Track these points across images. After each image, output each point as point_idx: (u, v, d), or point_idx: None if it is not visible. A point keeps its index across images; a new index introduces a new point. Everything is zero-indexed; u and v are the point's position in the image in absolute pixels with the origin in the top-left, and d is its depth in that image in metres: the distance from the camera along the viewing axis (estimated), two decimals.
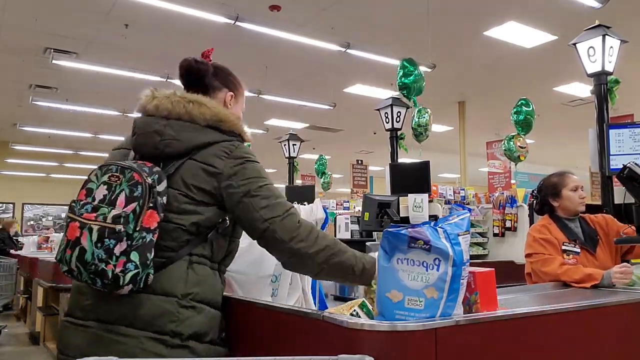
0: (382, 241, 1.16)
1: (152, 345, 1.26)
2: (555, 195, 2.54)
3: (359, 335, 1.05)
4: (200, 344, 1.32)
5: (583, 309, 1.42)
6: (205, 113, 1.42)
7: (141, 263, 1.25)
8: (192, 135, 1.40)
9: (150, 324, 1.28)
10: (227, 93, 1.58)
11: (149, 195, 1.28)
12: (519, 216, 5.12)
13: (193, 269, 1.34)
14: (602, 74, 4.19)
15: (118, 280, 1.23)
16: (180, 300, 1.30)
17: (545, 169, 9.77)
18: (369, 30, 7.29)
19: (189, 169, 1.38)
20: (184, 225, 1.35)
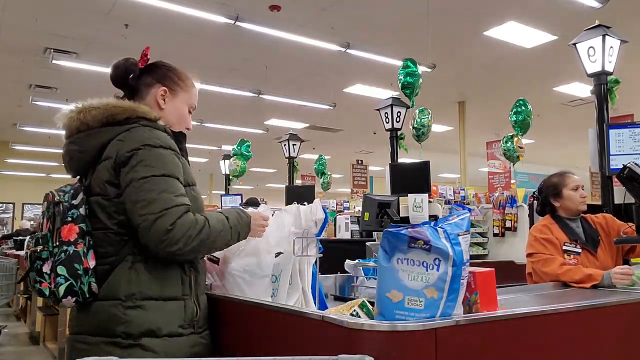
0: (382, 241, 1.16)
1: (109, 349, 1.31)
2: (556, 195, 2.55)
3: (359, 335, 1.05)
4: (155, 339, 1.32)
5: (583, 309, 1.42)
6: (97, 115, 1.41)
7: (70, 275, 1.31)
8: (91, 141, 1.42)
9: (104, 330, 1.33)
10: (160, 88, 1.54)
11: (55, 211, 1.35)
12: (519, 216, 5.12)
13: (136, 268, 1.35)
14: (602, 74, 4.19)
15: (56, 295, 1.32)
16: (124, 302, 1.33)
17: (545, 169, 9.77)
18: (369, 30, 7.29)
19: (98, 171, 1.40)
20: (111, 228, 1.37)
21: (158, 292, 1.35)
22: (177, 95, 1.57)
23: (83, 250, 1.34)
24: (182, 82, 1.59)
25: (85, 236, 1.36)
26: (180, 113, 1.58)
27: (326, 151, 12.78)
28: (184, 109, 1.59)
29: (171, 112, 1.56)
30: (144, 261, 1.36)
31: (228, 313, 1.49)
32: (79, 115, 1.43)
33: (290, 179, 9.84)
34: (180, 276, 1.40)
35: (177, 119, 1.57)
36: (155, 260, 1.37)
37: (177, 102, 1.57)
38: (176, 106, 1.57)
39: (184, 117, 1.59)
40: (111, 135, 1.41)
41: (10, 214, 16.11)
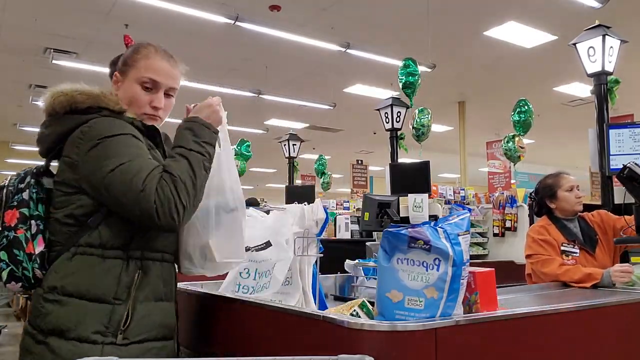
0: (382, 241, 1.17)
1: (26, 340, 1.29)
2: (551, 196, 2.55)
3: (359, 335, 1.05)
4: (63, 340, 1.23)
5: (583, 309, 1.42)
6: (62, 101, 1.35)
7: (11, 261, 1.29)
8: (55, 126, 1.38)
9: (30, 318, 1.31)
10: (114, 75, 1.46)
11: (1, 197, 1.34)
12: (519, 216, 5.12)
13: (75, 260, 1.29)
14: (602, 74, 4.19)
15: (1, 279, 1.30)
16: (44, 294, 1.28)
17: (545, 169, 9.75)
18: (369, 30, 7.29)
19: (60, 164, 1.37)
20: (59, 218, 1.33)
21: (84, 290, 1.26)
22: (127, 74, 1.42)
23: (24, 236, 1.30)
24: (130, 58, 1.43)
25: (28, 221, 1.32)
26: (129, 94, 1.41)
27: (326, 151, 12.78)
28: (133, 88, 1.41)
29: (124, 96, 1.41)
30: (84, 254, 1.29)
31: (228, 312, 1.49)
32: (51, 99, 1.38)
33: (290, 179, 9.85)
34: (119, 277, 1.28)
35: (128, 102, 1.41)
36: (95, 256, 1.28)
37: (126, 83, 1.42)
38: (125, 88, 1.42)
39: (134, 97, 1.40)
40: (71, 124, 1.35)
41: None
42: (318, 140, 13.71)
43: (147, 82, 1.41)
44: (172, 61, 1.46)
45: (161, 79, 1.42)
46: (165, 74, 1.43)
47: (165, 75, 1.43)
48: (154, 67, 1.41)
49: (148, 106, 1.42)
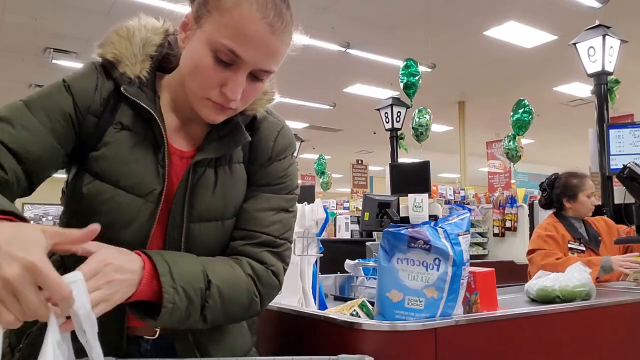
0: (382, 241, 1.16)
1: None
2: (572, 197, 2.57)
3: (359, 335, 1.05)
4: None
5: (583, 309, 1.42)
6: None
7: None
8: None
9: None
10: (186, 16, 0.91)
11: None
12: (519, 216, 5.12)
13: None
14: (602, 74, 4.20)
15: None
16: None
17: (545, 168, 9.75)
18: (369, 30, 7.29)
19: None
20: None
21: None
22: (202, 23, 0.84)
23: None
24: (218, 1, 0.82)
25: None
26: (193, 59, 0.85)
27: (326, 151, 12.78)
28: (200, 51, 0.83)
29: (185, 61, 0.88)
30: None
31: None
32: None
33: None
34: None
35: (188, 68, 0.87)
36: None
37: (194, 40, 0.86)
38: (192, 48, 0.86)
39: (196, 67, 0.84)
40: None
41: None
42: (318, 140, 13.71)
43: (225, 54, 0.82)
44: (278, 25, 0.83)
45: (249, 53, 0.82)
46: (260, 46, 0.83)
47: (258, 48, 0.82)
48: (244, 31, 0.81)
49: (217, 89, 0.85)
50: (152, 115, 0.88)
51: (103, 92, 0.90)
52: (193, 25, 0.87)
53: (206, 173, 0.93)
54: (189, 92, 0.88)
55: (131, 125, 0.90)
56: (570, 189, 2.58)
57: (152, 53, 0.94)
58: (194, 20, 0.86)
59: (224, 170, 0.95)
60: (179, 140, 0.95)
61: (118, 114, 0.90)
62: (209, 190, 0.92)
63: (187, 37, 0.88)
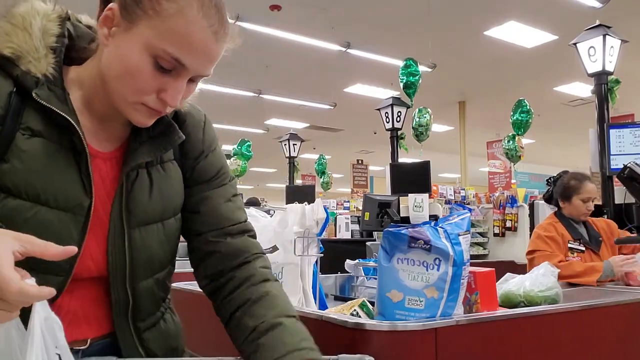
0: (382, 241, 1.16)
1: None
2: (566, 198, 2.57)
3: (359, 335, 1.05)
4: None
5: (583, 308, 1.42)
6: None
7: None
8: None
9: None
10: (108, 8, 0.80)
11: None
12: (519, 216, 5.12)
13: None
14: (603, 74, 4.20)
15: None
16: None
17: (545, 168, 9.75)
18: (369, 30, 7.29)
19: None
20: None
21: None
22: (135, 23, 0.77)
23: None
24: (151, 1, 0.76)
25: None
26: (126, 62, 0.78)
27: (326, 151, 12.78)
28: (138, 56, 0.77)
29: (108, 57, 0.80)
30: None
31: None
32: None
33: (291, 178, 9.86)
34: None
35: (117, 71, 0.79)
36: None
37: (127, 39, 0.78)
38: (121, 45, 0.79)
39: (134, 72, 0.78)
40: None
41: None
42: (318, 140, 13.72)
43: (167, 61, 0.78)
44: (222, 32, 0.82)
45: (194, 61, 0.79)
46: (205, 54, 0.80)
47: (203, 56, 0.80)
48: (190, 39, 0.77)
49: (153, 95, 0.80)
50: (68, 121, 0.79)
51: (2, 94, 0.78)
52: (120, 22, 0.78)
53: (140, 176, 0.88)
54: (117, 95, 0.81)
55: (43, 130, 0.80)
56: (567, 190, 2.58)
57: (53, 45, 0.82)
58: (121, 17, 0.78)
59: (157, 170, 0.91)
60: (99, 141, 0.87)
61: (24, 117, 0.79)
62: (145, 193, 0.88)
63: (111, 34, 0.79)
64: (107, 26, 0.80)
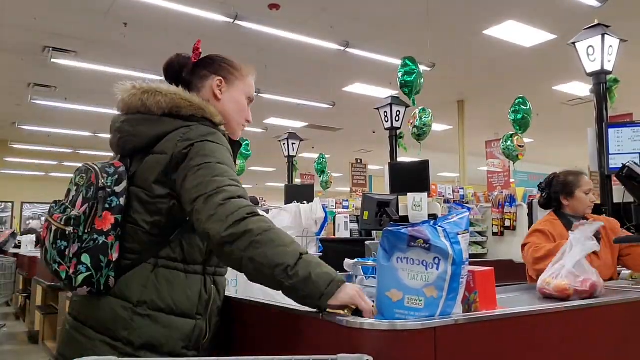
0: (381, 240, 1.16)
1: (104, 350, 1.22)
2: (568, 194, 2.56)
3: (359, 334, 1.05)
4: (155, 355, 1.22)
5: (583, 308, 1.42)
6: (161, 101, 1.33)
7: (94, 266, 1.23)
8: (148, 127, 1.33)
9: (107, 329, 1.24)
10: (215, 79, 1.45)
11: (97, 197, 1.26)
12: (518, 215, 5.12)
13: (157, 273, 1.27)
14: (602, 73, 4.20)
15: (72, 281, 1.23)
16: (134, 308, 1.24)
17: (544, 168, 9.74)
18: (368, 29, 7.29)
19: (148, 163, 1.31)
20: (143, 226, 1.29)
21: (171, 305, 1.26)
22: (234, 84, 1.49)
23: (112, 243, 1.25)
24: (237, 71, 1.50)
25: (117, 228, 1.26)
26: (239, 102, 1.49)
27: (325, 150, 12.78)
28: (242, 99, 1.50)
29: (229, 102, 1.47)
30: (167, 267, 1.28)
31: (227, 312, 1.49)
32: (143, 96, 1.34)
33: (290, 178, 9.85)
34: (200, 292, 1.31)
35: (236, 109, 1.48)
36: (178, 271, 1.29)
37: (234, 92, 1.48)
38: (233, 96, 1.48)
39: (243, 107, 1.50)
40: (170, 127, 1.32)
41: (10, 213, 16.09)
42: (317, 139, 13.71)
43: (251, 99, 1.53)
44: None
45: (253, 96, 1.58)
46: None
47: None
48: (253, 87, 1.56)
49: (249, 116, 1.54)
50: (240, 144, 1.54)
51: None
52: (224, 85, 1.47)
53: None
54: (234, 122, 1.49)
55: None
56: (567, 186, 2.57)
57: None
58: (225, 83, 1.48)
59: None
60: None
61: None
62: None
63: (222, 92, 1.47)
64: (219, 87, 1.47)
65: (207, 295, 1.33)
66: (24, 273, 6.81)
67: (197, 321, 1.30)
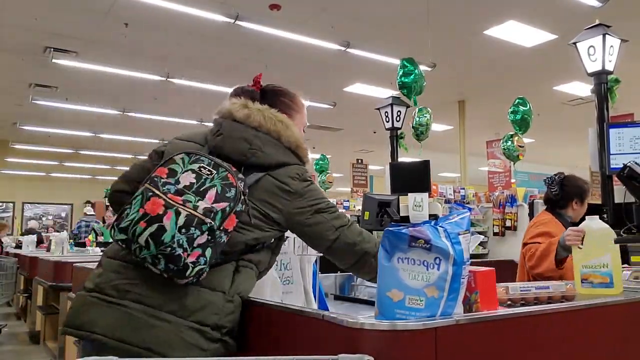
0: (382, 240, 1.16)
1: (190, 335, 1.26)
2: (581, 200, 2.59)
3: (359, 334, 1.05)
4: (232, 339, 1.35)
5: (583, 308, 1.42)
6: (290, 136, 1.51)
7: (210, 261, 1.30)
8: (276, 152, 1.48)
9: (194, 314, 1.28)
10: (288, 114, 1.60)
11: (238, 199, 1.34)
12: (519, 215, 5.12)
13: (239, 271, 1.40)
14: (603, 73, 4.19)
15: (186, 269, 1.25)
16: (226, 295, 1.34)
17: (545, 168, 9.72)
18: (369, 29, 7.29)
19: (266, 184, 1.44)
20: (246, 237, 1.40)
21: (245, 297, 1.41)
22: (294, 118, 1.62)
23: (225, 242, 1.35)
24: (296, 105, 1.65)
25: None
26: (300, 137, 1.60)
27: (326, 150, 12.78)
28: (301, 132, 1.64)
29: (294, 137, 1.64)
30: (246, 267, 1.42)
31: None
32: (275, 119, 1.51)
33: None
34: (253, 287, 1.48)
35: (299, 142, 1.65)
36: (253, 271, 1.44)
37: (294, 121, 1.61)
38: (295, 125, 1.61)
39: (302, 140, 1.61)
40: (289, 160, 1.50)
41: (10, 213, 16.11)
42: (318, 140, 13.71)
43: (304, 130, 1.69)
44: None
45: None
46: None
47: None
48: (306, 115, 1.71)
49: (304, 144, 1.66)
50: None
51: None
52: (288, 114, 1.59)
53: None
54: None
55: None
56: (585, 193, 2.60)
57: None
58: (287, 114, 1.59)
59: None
60: None
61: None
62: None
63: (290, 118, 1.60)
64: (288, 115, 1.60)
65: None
66: (25, 273, 6.82)
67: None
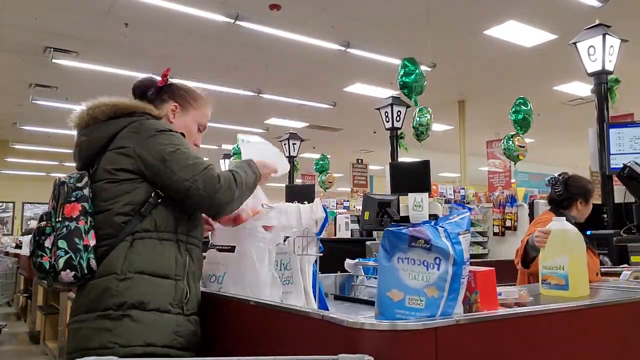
0: (382, 240, 1.16)
1: (99, 322, 1.35)
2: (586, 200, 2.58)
3: (359, 334, 1.05)
4: (144, 312, 1.36)
5: (583, 308, 1.42)
6: (104, 110, 1.52)
7: (70, 248, 1.37)
8: (99, 132, 1.52)
9: (97, 304, 1.37)
10: (172, 103, 1.66)
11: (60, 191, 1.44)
12: (519, 215, 5.12)
13: (134, 246, 1.42)
14: (603, 73, 4.20)
15: (55, 268, 1.36)
16: (118, 276, 1.38)
17: (545, 168, 9.71)
18: (369, 29, 7.29)
19: (107, 158, 1.49)
20: (115, 209, 1.43)
21: (151, 268, 1.41)
22: (188, 112, 1.68)
23: (84, 227, 1.40)
24: (195, 101, 1.70)
25: (87, 215, 1.42)
26: (189, 128, 1.68)
27: (326, 150, 12.78)
28: (192, 125, 1.69)
29: (180, 126, 1.64)
30: (143, 239, 1.43)
31: (228, 311, 1.49)
32: (89, 111, 1.54)
33: (290, 178, 9.85)
34: (175, 257, 1.46)
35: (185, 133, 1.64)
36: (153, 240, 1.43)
37: (186, 118, 1.68)
38: (185, 121, 1.67)
39: (191, 132, 1.68)
40: (118, 126, 1.51)
41: (11, 213, 16.11)
42: (318, 140, 13.71)
43: (203, 128, 1.72)
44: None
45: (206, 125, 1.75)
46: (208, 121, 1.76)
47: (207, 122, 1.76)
48: (207, 117, 1.74)
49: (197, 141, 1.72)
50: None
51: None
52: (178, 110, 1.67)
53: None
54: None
55: None
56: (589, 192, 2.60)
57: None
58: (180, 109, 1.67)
59: None
60: None
61: None
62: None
63: (175, 115, 1.66)
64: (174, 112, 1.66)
65: (183, 260, 1.47)
66: (25, 273, 6.82)
67: (177, 282, 1.44)
